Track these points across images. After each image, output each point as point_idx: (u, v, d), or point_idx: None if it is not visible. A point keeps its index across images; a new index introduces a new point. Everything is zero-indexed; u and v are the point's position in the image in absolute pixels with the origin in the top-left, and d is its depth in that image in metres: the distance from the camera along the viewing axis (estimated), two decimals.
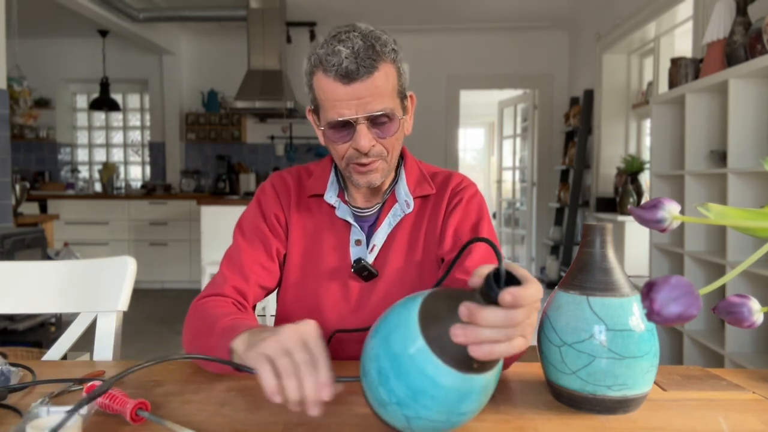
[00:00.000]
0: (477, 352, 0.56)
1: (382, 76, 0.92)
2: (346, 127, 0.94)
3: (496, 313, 0.55)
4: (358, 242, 1.04)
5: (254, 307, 1.06)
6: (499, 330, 0.55)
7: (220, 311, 0.90)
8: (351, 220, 1.05)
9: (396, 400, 0.60)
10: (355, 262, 1.02)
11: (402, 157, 1.11)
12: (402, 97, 0.99)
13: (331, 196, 1.06)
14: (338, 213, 1.05)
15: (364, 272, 1.02)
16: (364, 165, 0.97)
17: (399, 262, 1.04)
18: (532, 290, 0.56)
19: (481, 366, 0.59)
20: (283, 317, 1.07)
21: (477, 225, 1.04)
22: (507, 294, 0.54)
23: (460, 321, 0.57)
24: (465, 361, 0.58)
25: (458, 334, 0.56)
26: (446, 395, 0.58)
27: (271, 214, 1.06)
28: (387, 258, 1.04)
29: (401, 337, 0.60)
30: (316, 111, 1.01)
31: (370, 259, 1.03)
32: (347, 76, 0.90)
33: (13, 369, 0.85)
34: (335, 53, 0.90)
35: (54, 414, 0.65)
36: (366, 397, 0.64)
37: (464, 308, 0.56)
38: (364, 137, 0.93)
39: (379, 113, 0.92)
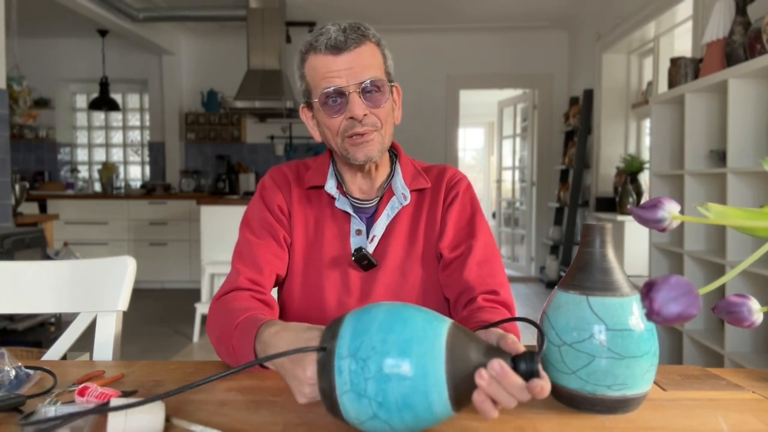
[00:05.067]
0: (481, 403, 0.61)
1: (369, 50, 0.99)
2: (339, 99, 0.98)
3: (519, 386, 0.60)
4: (358, 232, 1.07)
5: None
6: (507, 397, 0.60)
7: (238, 306, 0.93)
8: (350, 211, 1.07)
9: (381, 400, 0.59)
10: (356, 250, 1.04)
11: (396, 154, 1.15)
12: (390, 80, 1.04)
13: (331, 187, 1.08)
14: (338, 204, 1.08)
15: (364, 261, 1.04)
16: (360, 135, 1.00)
17: (399, 254, 1.06)
18: (549, 386, 0.62)
19: (462, 408, 0.63)
20: (286, 306, 1.10)
21: (473, 217, 1.09)
22: (539, 386, 0.60)
23: (484, 367, 0.61)
24: (460, 401, 0.62)
25: (483, 376, 0.60)
26: (427, 421, 0.61)
27: (274, 205, 1.09)
28: (386, 249, 1.06)
29: (423, 352, 0.60)
30: (309, 104, 1.05)
31: (370, 249, 1.06)
32: (336, 47, 0.96)
33: (30, 372, 0.84)
34: (324, 32, 0.98)
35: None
36: (335, 374, 0.61)
37: (498, 366, 0.60)
38: (357, 105, 0.97)
39: (370, 80, 0.97)
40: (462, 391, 0.61)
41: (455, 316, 1.02)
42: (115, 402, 0.61)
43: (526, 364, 0.62)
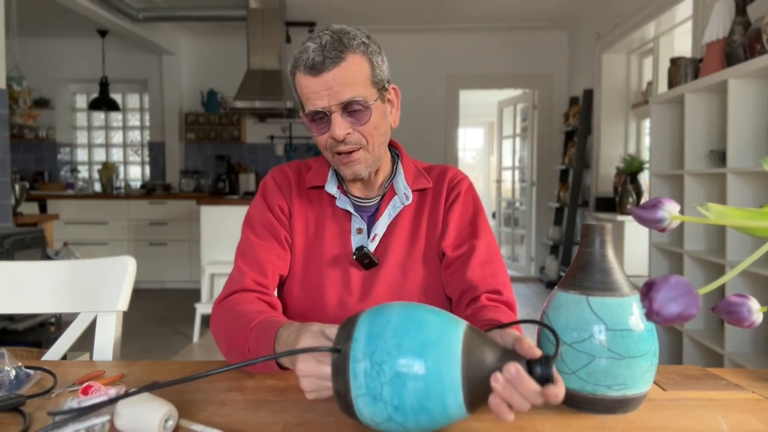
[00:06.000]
0: (497, 406, 0.61)
1: (351, 66, 0.96)
2: (323, 117, 0.98)
3: (534, 390, 0.61)
4: (359, 231, 1.08)
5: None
6: (521, 400, 0.61)
7: (249, 308, 0.93)
8: (351, 210, 1.08)
9: (397, 404, 0.59)
10: (357, 249, 1.05)
11: (398, 154, 1.15)
12: (380, 88, 1.01)
13: (331, 187, 1.09)
14: (338, 203, 1.08)
15: (365, 260, 1.05)
16: (344, 154, 1.01)
17: (400, 253, 1.07)
18: (563, 392, 0.63)
19: (476, 409, 0.63)
20: (286, 305, 1.10)
21: (475, 217, 1.10)
22: (554, 391, 0.61)
23: (499, 371, 0.61)
24: (475, 404, 0.62)
25: (499, 380, 0.60)
26: (442, 422, 0.62)
27: (275, 205, 1.10)
28: (388, 248, 1.06)
29: (439, 357, 0.60)
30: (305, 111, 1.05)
31: (372, 247, 1.06)
32: (314, 68, 0.95)
33: (30, 372, 0.83)
34: (305, 50, 0.96)
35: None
36: (350, 377, 0.61)
37: (514, 370, 0.60)
38: (338, 125, 0.97)
39: (350, 100, 0.96)
40: (477, 394, 0.61)
41: (458, 314, 1.02)
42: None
43: (541, 368, 0.62)
